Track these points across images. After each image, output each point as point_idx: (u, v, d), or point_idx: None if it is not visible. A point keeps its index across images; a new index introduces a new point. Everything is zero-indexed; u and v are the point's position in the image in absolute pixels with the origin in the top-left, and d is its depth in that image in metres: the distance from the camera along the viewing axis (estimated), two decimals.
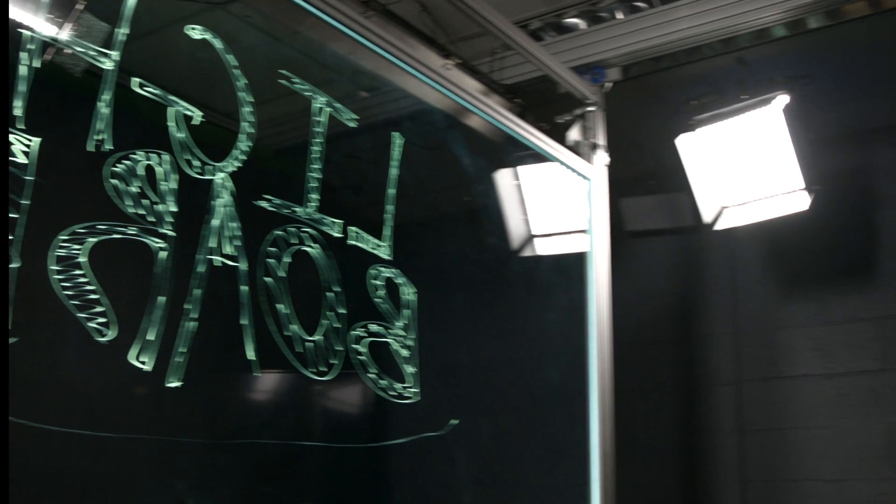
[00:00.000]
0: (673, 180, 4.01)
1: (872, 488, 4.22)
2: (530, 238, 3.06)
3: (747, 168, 3.84)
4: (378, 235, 2.22)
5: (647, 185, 4.36)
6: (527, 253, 3.03)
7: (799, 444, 4.50)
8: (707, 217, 3.97)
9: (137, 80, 1.74)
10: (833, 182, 4.17)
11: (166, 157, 1.78)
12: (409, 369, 2.26)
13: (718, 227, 4.01)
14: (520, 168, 3.12)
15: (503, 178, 2.95)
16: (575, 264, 3.21)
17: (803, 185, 3.76)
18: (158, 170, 1.76)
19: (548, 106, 3.45)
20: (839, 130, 4.51)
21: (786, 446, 4.54)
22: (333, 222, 2.12)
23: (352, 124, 2.18)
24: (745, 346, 4.77)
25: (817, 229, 4.38)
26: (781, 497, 4.48)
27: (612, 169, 3.49)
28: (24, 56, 1.54)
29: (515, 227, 2.97)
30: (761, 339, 4.74)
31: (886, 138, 4.50)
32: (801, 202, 3.82)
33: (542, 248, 3.13)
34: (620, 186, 3.91)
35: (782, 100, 3.67)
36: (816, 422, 4.48)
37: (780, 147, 3.72)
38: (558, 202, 3.25)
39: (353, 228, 2.14)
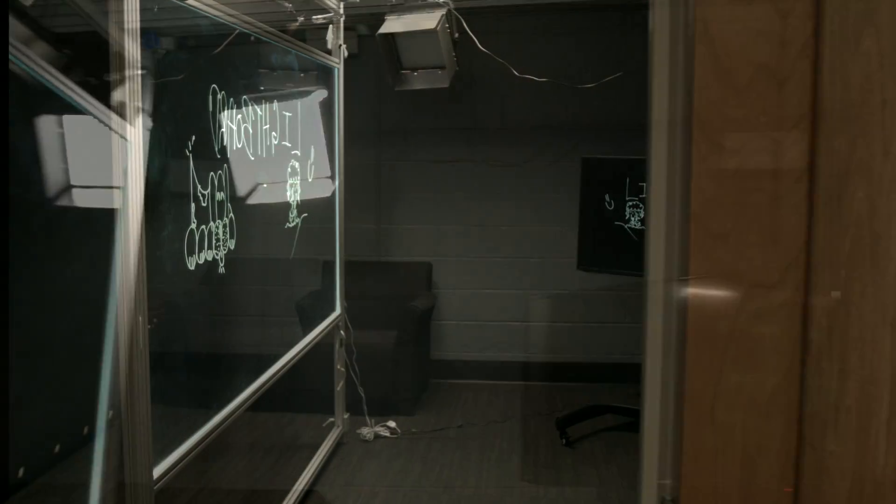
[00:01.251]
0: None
1: None
2: (62, 190, 3.10)
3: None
4: None
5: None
6: (57, 204, 3.06)
7: None
8: (241, 192, 4.26)
9: None
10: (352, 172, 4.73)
11: None
12: None
13: (251, 201, 4.33)
14: (60, 119, 3.14)
15: (40, 130, 2.96)
16: (105, 220, 3.30)
17: (329, 174, 4.22)
18: None
19: (98, 62, 3.46)
20: (362, 127, 5.14)
21: None
22: None
23: None
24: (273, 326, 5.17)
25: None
26: None
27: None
28: None
29: (48, 178, 2.99)
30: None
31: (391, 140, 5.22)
32: (330, 188, 4.28)
33: (74, 200, 3.19)
34: (175, 150, 4.05)
35: (321, 93, 4.08)
36: None
37: (317, 136, 4.14)
38: (94, 157, 3.32)
39: None
